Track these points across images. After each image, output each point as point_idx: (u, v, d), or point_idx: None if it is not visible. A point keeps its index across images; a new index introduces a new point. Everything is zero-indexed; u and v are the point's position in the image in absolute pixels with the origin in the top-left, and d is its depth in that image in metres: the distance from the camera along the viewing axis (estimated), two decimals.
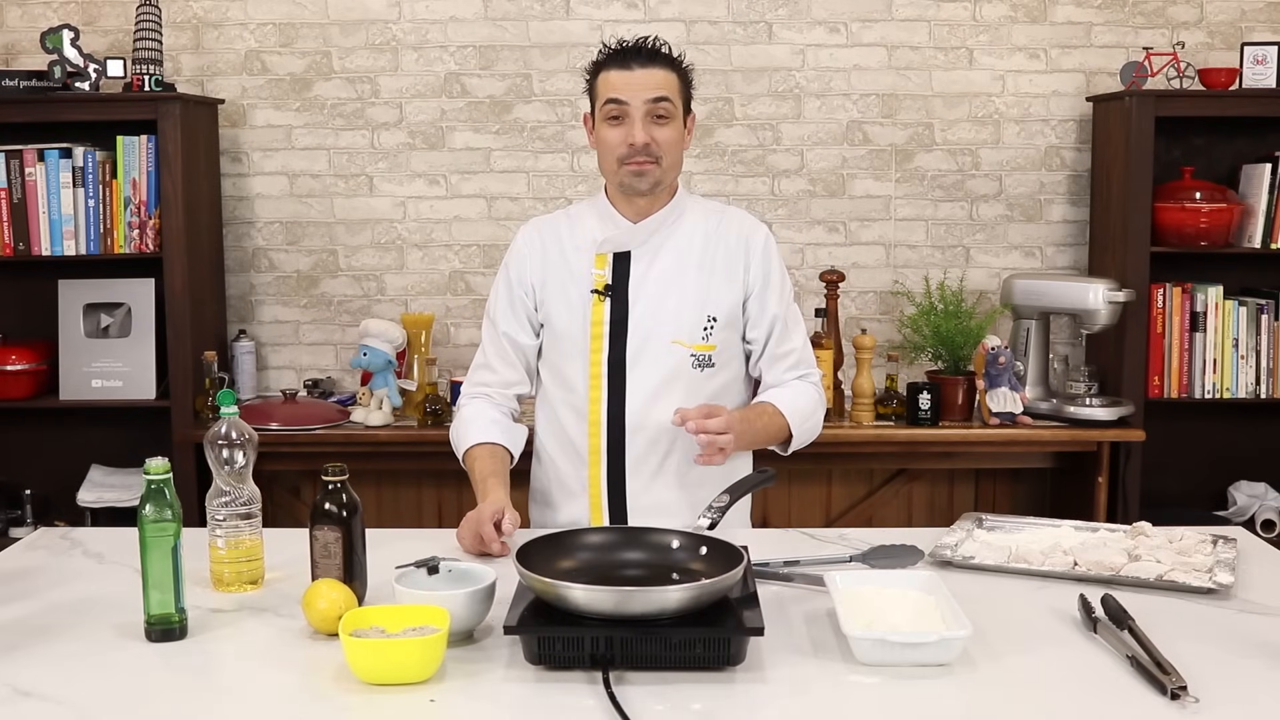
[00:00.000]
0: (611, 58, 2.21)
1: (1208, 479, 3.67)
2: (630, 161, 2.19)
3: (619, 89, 2.18)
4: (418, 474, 3.50)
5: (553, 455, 2.32)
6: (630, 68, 2.18)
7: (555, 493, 2.33)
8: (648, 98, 2.17)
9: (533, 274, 2.31)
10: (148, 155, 3.35)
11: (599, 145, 2.25)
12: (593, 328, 2.25)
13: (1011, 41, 3.63)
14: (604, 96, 2.20)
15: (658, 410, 2.21)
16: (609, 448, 2.24)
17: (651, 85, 2.17)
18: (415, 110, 3.65)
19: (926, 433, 3.30)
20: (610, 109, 2.19)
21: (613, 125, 2.19)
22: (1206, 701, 1.45)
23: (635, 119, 2.17)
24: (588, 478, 2.26)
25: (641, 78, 2.17)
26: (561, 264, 2.29)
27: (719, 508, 1.90)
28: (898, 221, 3.70)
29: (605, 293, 2.25)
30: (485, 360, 2.36)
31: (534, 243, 2.33)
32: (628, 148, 2.18)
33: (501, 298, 2.34)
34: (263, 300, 3.74)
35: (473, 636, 1.67)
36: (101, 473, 3.54)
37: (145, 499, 1.67)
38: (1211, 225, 3.38)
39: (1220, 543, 2.03)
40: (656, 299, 2.24)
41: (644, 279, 2.25)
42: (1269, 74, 3.36)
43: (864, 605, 1.68)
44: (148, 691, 1.54)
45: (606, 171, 2.25)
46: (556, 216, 2.37)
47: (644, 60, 2.18)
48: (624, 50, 2.20)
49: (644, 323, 2.24)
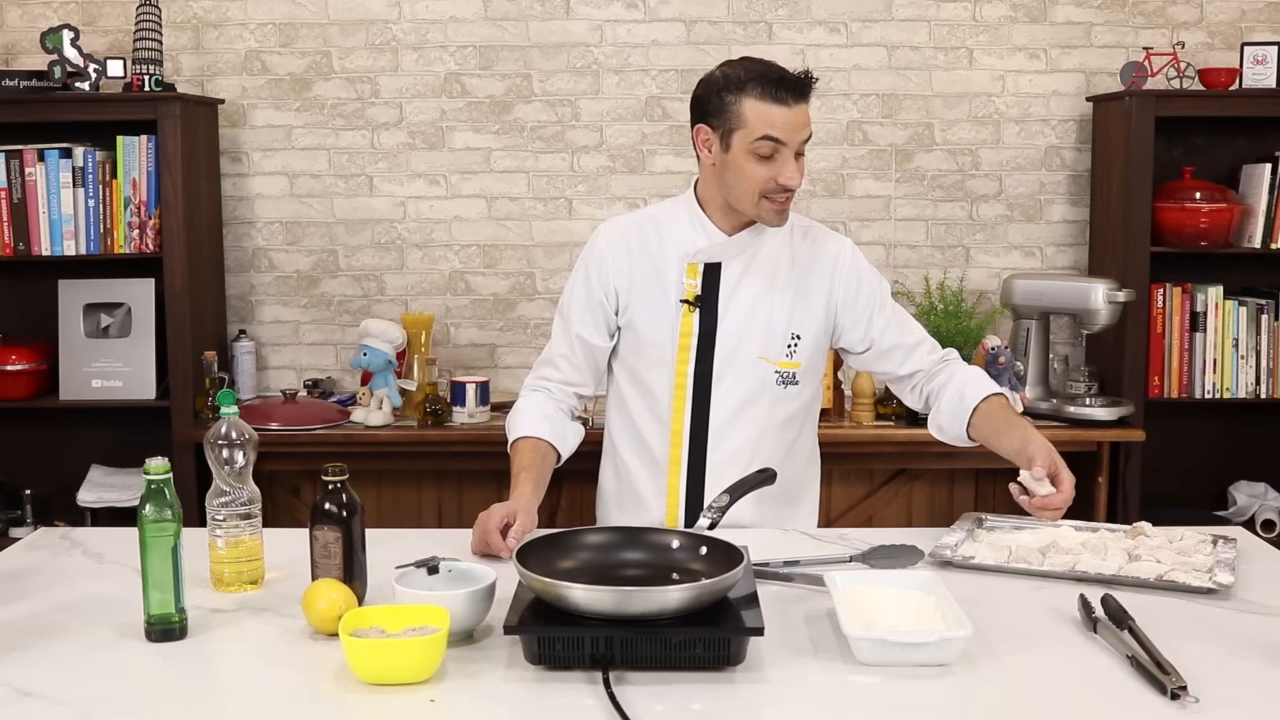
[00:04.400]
0: (767, 88, 2.10)
1: (1208, 479, 3.67)
2: (774, 199, 2.14)
3: (778, 128, 2.10)
4: (418, 474, 3.50)
5: (628, 462, 2.29)
6: (788, 104, 2.10)
7: (627, 498, 2.30)
8: (802, 138, 2.13)
9: (617, 278, 2.25)
10: (148, 155, 3.35)
11: (736, 173, 2.14)
12: (681, 338, 2.22)
13: (1011, 41, 3.63)
14: (758, 130, 2.10)
15: (740, 424, 2.20)
16: (690, 459, 2.22)
17: (805, 123, 2.13)
18: (415, 110, 3.65)
19: (926, 433, 3.28)
20: (764, 146, 2.10)
21: (761, 161, 2.12)
22: (1206, 701, 1.45)
23: (790, 159, 2.11)
24: (666, 487, 2.24)
25: (799, 116, 2.11)
26: (650, 271, 2.24)
27: (719, 508, 1.90)
28: (898, 221, 3.70)
29: (695, 303, 2.21)
30: (551, 357, 2.31)
31: (618, 246, 2.26)
32: (777, 185, 2.12)
33: (579, 297, 2.27)
34: (263, 300, 3.74)
35: (473, 636, 1.67)
36: (101, 473, 3.54)
37: (145, 499, 1.67)
38: (1211, 225, 3.38)
39: (1220, 543, 2.03)
40: (745, 313, 2.21)
41: (734, 292, 2.22)
42: (1269, 74, 3.36)
43: (864, 605, 1.68)
44: (148, 691, 1.54)
45: (739, 198, 2.17)
46: (639, 220, 2.30)
47: (798, 95, 2.11)
48: (784, 82, 2.11)
49: (732, 336, 2.21)
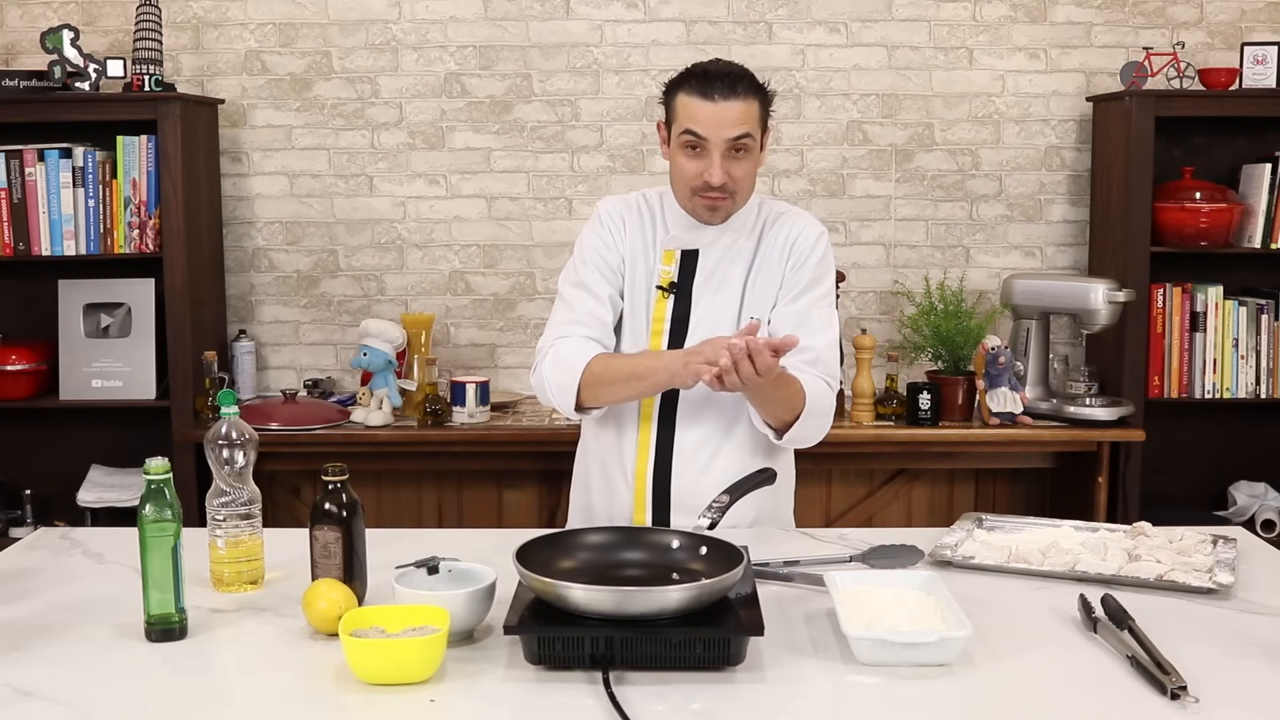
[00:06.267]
0: (693, 82, 2.08)
1: (1208, 479, 3.67)
2: (704, 195, 2.12)
3: (699, 122, 2.06)
4: (418, 474, 3.50)
5: (598, 438, 2.27)
6: (712, 98, 2.06)
7: (596, 481, 2.29)
8: (728, 136, 2.07)
9: (623, 247, 2.22)
10: (148, 155, 3.35)
11: (674, 169, 2.15)
12: (654, 324, 2.21)
13: (1011, 41, 3.63)
14: (682, 124, 2.09)
15: (709, 410, 2.18)
16: (657, 444, 2.20)
17: (732, 121, 2.06)
18: (415, 110, 3.65)
19: (926, 433, 3.30)
20: (687, 139, 2.09)
21: (689, 155, 2.10)
22: (1206, 701, 1.45)
23: (714, 156, 2.07)
24: (634, 470, 2.22)
25: (724, 112, 2.06)
26: (641, 253, 2.23)
27: (719, 507, 1.90)
28: (898, 221, 3.69)
29: (670, 289, 2.20)
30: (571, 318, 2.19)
31: (619, 219, 2.23)
32: (704, 183, 2.10)
33: (589, 259, 2.20)
34: (263, 300, 3.74)
35: (473, 636, 1.67)
36: (101, 473, 3.54)
37: (145, 499, 1.67)
38: (1211, 225, 3.38)
39: (1220, 543, 2.03)
40: (718, 300, 2.20)
41: (708, 279, 2.20)
42: (1269, 74, 3.36)
43: (864, 605, 1.68)
44: (148, 691, 1.54)
45: (677, 192, 2.18)
46: (632, 202, 2.26)
47: (727, 91, 2.06)
48: (707, 76, 2.07)
49: (704, 323, 2.19)
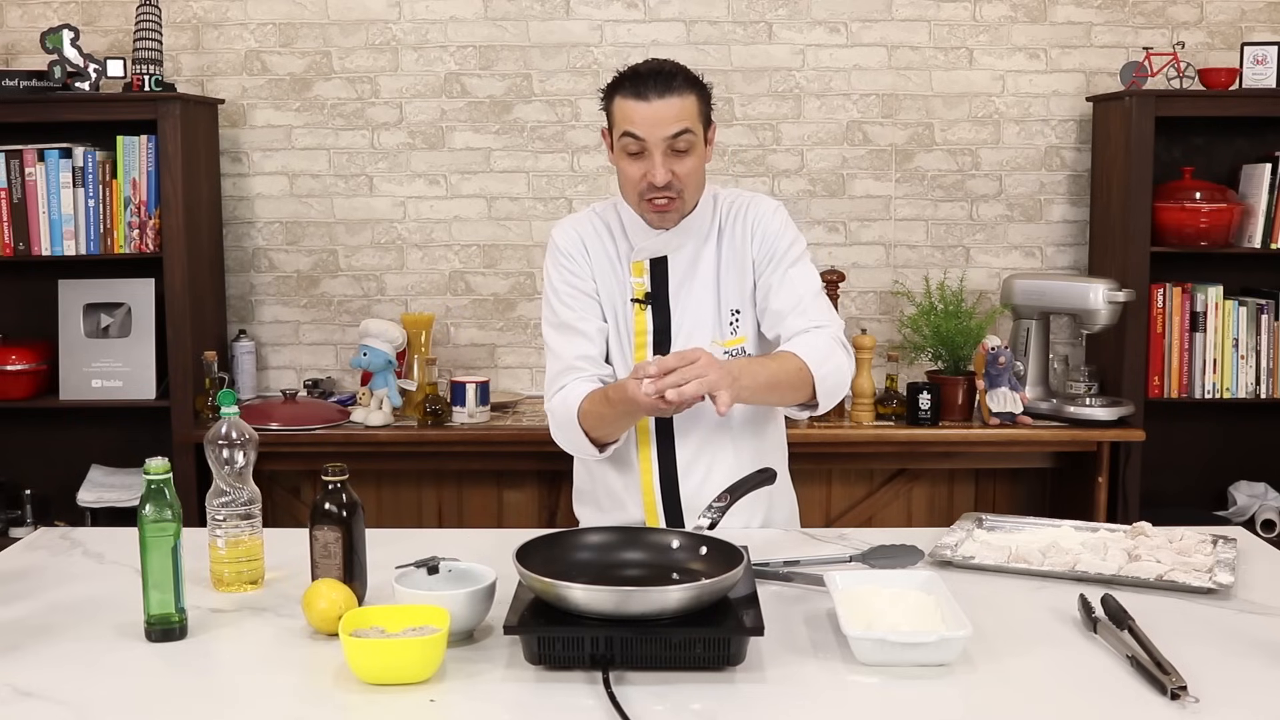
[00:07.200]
0: (627, 84, 2.06)
1: (1208, 479, 3.67)
2: (651, 198, 2.09)
3: (636, 124, 2.04)
4: (418, 474, 3.50)
5: (605, 467, 2.24)
6: (647, 99, 2.03)
7: (604, 498, 2.26)
8: (666, 134, 2.04)
9: (590, 271, 2.19)
10: (148, 155, 3.35)
11: (620, 174, 2.13)
12: (636, 338, 2.18)
13: (1011, 41, 3.63)
14: (620, 128, 2.07)
15: (705, 416, 2.13)
16: (659, 457, 2.18)
17: (670, 119, 2.03)
18: (415, 110, 3.65)
19: (926, 433, 3.30)
20: (628, 143, 2.06)
21: (631, 159, 2.08)
22: (1206, 701, 1.45)
23: (655, 156, 2.05)
24: (640, 485, 2.20)
25: (659, 110, 2.03)
26: (609, 271, 2.20)
27: (719, 507, 1.90)
28: (898, 221, 3.69)
29: (646, 301, 2.18)
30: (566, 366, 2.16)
31: (578, 244, 2.20)
32: (648, 185, 2.08)
33: (562, 295, 2.18)
34: (263, 300, 3.74)
35: (473, 636, 1.67)
36: (101, 473, 3.54)
37: (145, 499, 1.67)
38: (1211, 225, 3.38)
39: (1220, 543, 2.03)
40: (695, 302, 2.17)
41: (681, 283, 2.18)
42: (1269, 74, 3.36)
43: (864, 605, 1.68)
44: (148, 691, 1.53)
45: (628, 200, 2.15)
46: (583, 220, 2.23)
47: (660, 89, 2.03)
48: (638, 77, 2.05)
49: (684, 328, 2.17)
